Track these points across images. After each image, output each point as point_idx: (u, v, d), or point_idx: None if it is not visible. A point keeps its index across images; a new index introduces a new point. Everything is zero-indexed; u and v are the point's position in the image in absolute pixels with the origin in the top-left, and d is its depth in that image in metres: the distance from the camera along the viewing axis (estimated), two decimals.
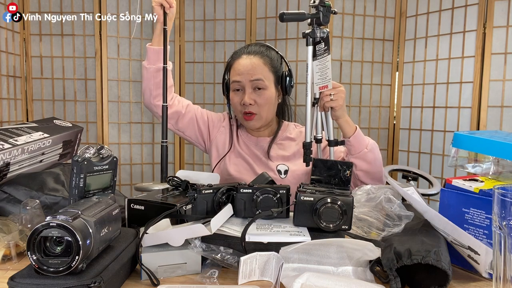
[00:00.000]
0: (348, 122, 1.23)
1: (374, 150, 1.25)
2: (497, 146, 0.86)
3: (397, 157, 2.52)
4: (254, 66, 1.33)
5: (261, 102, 1.33)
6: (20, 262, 0.84)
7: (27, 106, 2.39)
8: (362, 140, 1.24)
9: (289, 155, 1.39)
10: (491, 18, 2.08)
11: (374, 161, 1.24)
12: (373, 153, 1.24)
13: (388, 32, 2.47)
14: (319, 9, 1.12)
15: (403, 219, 0.86)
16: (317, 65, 1.14)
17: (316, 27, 1.14)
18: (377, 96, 2.51)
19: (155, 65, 1.33)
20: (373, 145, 1.26)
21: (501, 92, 2.09)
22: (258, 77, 1.32)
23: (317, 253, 0.79)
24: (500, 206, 0.58)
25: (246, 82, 1.33)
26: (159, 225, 0.86)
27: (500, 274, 0.59)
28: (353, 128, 1.24)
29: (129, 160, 2.51)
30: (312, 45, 1.14)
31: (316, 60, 1.14)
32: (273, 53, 1.40)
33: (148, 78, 1.36)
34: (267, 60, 1.36)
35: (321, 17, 1.12)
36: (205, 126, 1.47)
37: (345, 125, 1.23)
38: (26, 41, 2.36)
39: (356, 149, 1.23)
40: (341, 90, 1.18)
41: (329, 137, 1.21)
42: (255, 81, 1.32)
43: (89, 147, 0.83)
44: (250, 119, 1.35)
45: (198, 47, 2.56)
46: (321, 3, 1.12)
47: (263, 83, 1.33)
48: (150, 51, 1.34)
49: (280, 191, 0.90)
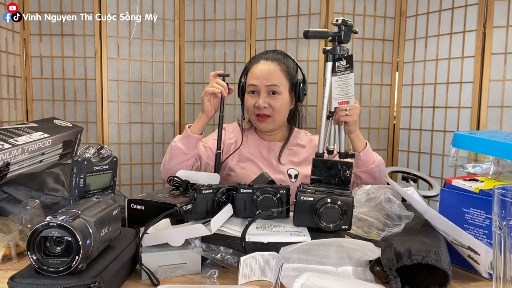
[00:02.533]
0: (359, 137, 1.29)
1: (380, 166, 1.30)
2: (497, 146, 0.86)
3: (397, 157, 2.52)
4: (271, 72, 1.39)
5: (275, 106, 1.39)
6: (20, 262, 0.84)
7: (27, 106, 2.39)
8: (371, 155, 1.29)
9: (299, 161, 1.44)
10: (491, 18, 2.08)
11: (379, 177, 1.30)
12: (379, 169, 1.30)
13: (388, 32, 2.47)
14: (341, 28, 1.17)
15: (403, 219, 0.86)
16: (337, 80, 1.18)
17: (337, 45, 1.19)
18: (377, 96, 2.51)
19: (193, 151, 1.35)
20: (380, 161, 1.31)
21: (501, 92, 2.09)
22: (274, 83, 1.38)
23: (317, 253, 0.79)
24: (500, 206, 0.58)
25: (262, 86, 1.39)
26: (159, 225, 0.86)
27: (500, 274, 0.59)
28: (363, 143, 1.29)
29: (129, 160, 2.51)
30: (332, 61, 1.19)
31: (336, 76, 1.18)
32: (289, 61, 1.46)
33: (182, 161, 1.34)
34: (283, 67, 1.42)
35: (343, 35, 1.17)
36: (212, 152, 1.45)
37: (356, 140, 1.28)
38: (26, 41, 2.36)
39: (364, 163, 1.28)
40: (356, 107, 1.22)
41: (340, 150, 1.25)
42: (271, 86, 1.38)
43: (89, 147, 0.83)
44: (264, 121, 1.41)
45: (198, 47, 2.56)
46: (343, 22, 1.17)
47: (278, 89, 1.39)
48: (192, 138, 1.34)
49: (280, 191, 0.90)
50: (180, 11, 2.51)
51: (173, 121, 2.57)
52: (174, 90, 2.56)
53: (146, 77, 2.51)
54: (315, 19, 2.42)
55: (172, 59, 2.53)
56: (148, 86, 2.52)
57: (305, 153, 1.45)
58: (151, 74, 2.51)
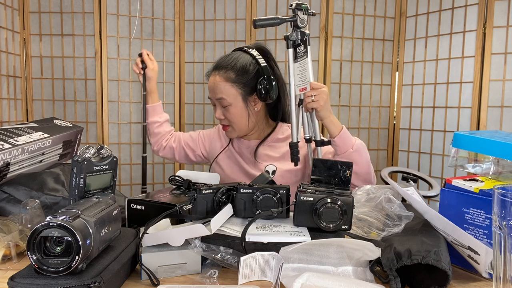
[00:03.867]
0: (333, 122, 1.23)
1: (360, 151, 1.24)
2: (497, 146, 0.86)
3: (397, 157, 2.52)
4: (216, 85, 1.37)
5: (229, 117, 1.39)
6: (20, 262, 0.84)
7: (27, 106, 2.39)
8: (348, 140, 1.24)
9: (278, 156, 1.42)
10: (491, 18, 2.08)
11: (361, 162, 1.23)
12: (359, 153, 1.23)
13: (388, 32, 2.47)
14: (295, 12, 1.14)
15: (403, 219, 0.86)
16: (298, 67, 1.17)
17: (295, 30, 1.16)
18: (377, 96, 2.51)
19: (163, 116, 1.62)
20: (359, 145, 1.25)
21: (501, 92, 2.09)
22: (219, 96, 1.37)
23: (317, 253, 0.79)
24: (500, 206, 0.58)
25: (213, 99, 1.41)
26: (159, 225, 0.86)
27: (500, 274, 0.59)
28: (338, 128, 1.24)
29: (129, 160, 2.51)
30: (293, 47, 1.17)
31: (297, 62, 1.17)
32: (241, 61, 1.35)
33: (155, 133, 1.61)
34: (230, 75, 1.34)
35: (298, 20, 1.14)
36: (195, 145, 1.58)
37: (330, 125, 1.23)
38: (26, 41, 2.36)
39: (341, 149, 1.23)
40: (323, 91, 1.19)
41: (315, 137, 1.23)
42: (218, 99, 1.38)
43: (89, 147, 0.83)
44: (226, 130, 1.43)
45: (198, 47, 2.56)
46: (297, 6, 1.14)
47: (226, 101, 1.36)
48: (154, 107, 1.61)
49: (280, 191, 0.90)
50: (180, 11, 2.51)
51: (173, 121, 2.57)
52: (174, 90, 2.56)
53: None
54: (315, 19, 2.42)
55: (172, 59, 2.53)
56: None
57: (284, 147, 1.41)
58: None
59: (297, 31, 1.16)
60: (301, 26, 1.15)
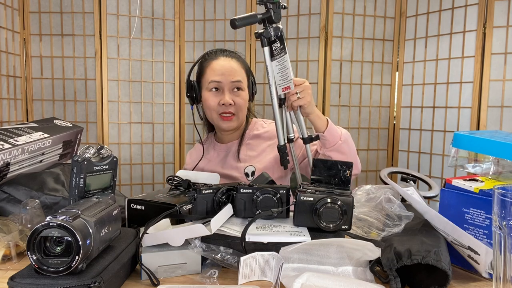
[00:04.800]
0: (319, 116, 1.19)
1: (348, 141, 1.21)
2: (497, 146, 0.86)
3: (397, 157, 2.52)
4: (234, 68, 1.34)
5: (239, 102, 1.34)
6: (20, 262, 0.84)
7: (27, 106, 2.39)
8: (336, 132, 1.20)
9: (256, 154, 1.38)
10: (491, 18, 2.08)
11: (349, 151, 1.21)
12: (347, 144, 1.21)
13: (388, 32, 2.47)
14: (268, 7, 1.08)
15: (403, 219, 0.86)
16: (276, 65, 1.10)
17: (269, 26, 1.09)
18: (377, 96, 2.51)
19: None
20: (346, 135, 1.22)
21: (501, 92, 2.09)
22: (238, 79, 1.33)
23: (317, 253, 0.79)
24: (500, 206, 0.58)
25: (226, 82, 1.32)
26: (159, 225, 0.85)
27: (500, 274, 0.59)
28: (324, 121, 1.19)
29: (129, 160, 2.51)
30: (268, 45, 1.09)
31: (275, 60, 1.09)
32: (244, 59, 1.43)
33: None
34: (242, 64, 1.38)
35: (272, 14, 1.07)
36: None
37: (316, 120, 1.18)
38: (26, 41, 2.36)
39: (331, 142, 1.19)
40: (307, 86, 1.14)
41: (303, 135, 1.19)
42: (236, 82, 1.33)
43: (89, 147, 0.83)
44: (229, 119, 1.35)
45: (198, 47, 2.56)
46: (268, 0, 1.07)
47: (242, 85, 1.35)
48: None
49: (280, 191, 0.90)
50: (180, 11, 2.51)
51: (173, 121, 2.57)
52: (174, 90, 2.56)
53: (146, 77, 2.51)
54: (315, 19, 2.42)
55: (172, 59, 2.53)
56: (148, 86, 2.52)
57: (262, 144, 1.39)
58: (151, 74, 2.51)
59: (271, 27, 1.09)
60: (276, 21, 1.09)
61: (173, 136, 2.56)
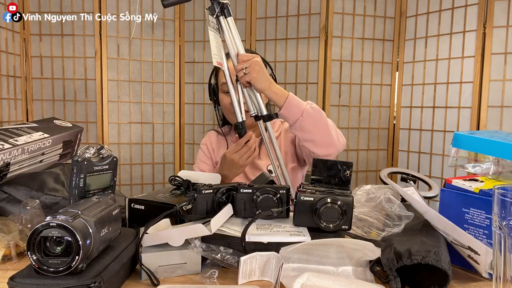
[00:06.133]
0: (275, 92, 1.12)
1: (314, 116, 1.12)
2: (497, 146, 0.86)
3: (397, 157, 2.52)
4: None
5: None
6: (20, 262, 0.84)
7: (27, 106, 2.39)
8: (297, 108, 1.12)
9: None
10: (491, 18, 2.08)
11: (316, 128, 1.13)
12: (312, 119, 1.12)
13: (388, 32, 2.47)
14: None
15: (403, 219, 0.86)
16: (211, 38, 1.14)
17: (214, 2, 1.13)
18: (377, 96, 2.51)
19: None
20: (309, 110, 1.12)
21: (501, 92, 2.09)
22: None
23: (317, 253, 0.79)
24: (500, 206, 0.58)
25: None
26: (159, 225, 0.85)
27: (500, 274, 0.59)
28: (283, 97, 1.12)
29: (129, 160, 2.51)
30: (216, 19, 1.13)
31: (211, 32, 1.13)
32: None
33: None
34: None
35: None
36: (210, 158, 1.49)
37: (273, 96, 1.12)
38: (26, 41, 2.36)
39: (291, 119, 1.12)
40: (254, 61, 1.10)
41: (261, 112, 1.15)
42: None
43: (89, 147, 0.83)
44: None
45: (198, 47, 2.56)
46: None
47: None
48: None
49: (280, 191, 0.90)
50: (180, 11, 2.51)
51: (173, 121, 2.57)
52: (174, 90, 2.56)
53: (146, 77, 2.51)
54: (315, 19, 2.42)
55: (172, 59, 2.54)
56: (148, 86, 2.52)
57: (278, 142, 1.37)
58: (151, 74, 2.51)
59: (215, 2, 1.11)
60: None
61: (173, 136, 2.56)
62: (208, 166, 1.48)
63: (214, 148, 1.50)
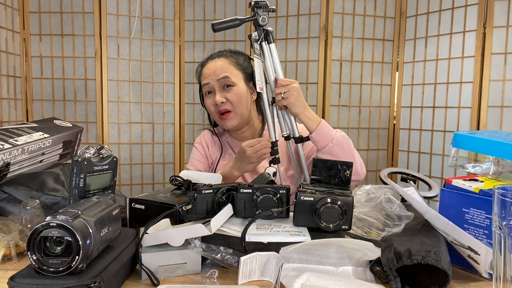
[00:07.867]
0: (309, 117, 1.20)
1: (341, 143, 1.20)
2: (497, 146, 0.86)
3: (397, 157, 2.52)
4: (219, 66, 1.35)
5: (232, 98, 1.33)
6: (20, 262, 0.84)
7: (27, 106, 2.39)
8: (327, 134, 1.19)
9: None
10: (491, 18, 2.08)
11: (343, 155, 1.19)
12: (340, 146, 1.19)
13: (388, 32, 2.47)
14: (255, 11, 1.14)
15: (403, 219, 0.86)
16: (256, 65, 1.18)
17: (258, 29, 1.16)
18: (377, 96, 2.51)
19: None
20: (340, 137, 1.20)
21: (501, 92, 2.09)
22: (224, 75, 1.33)
23: (317, 253, 0.79)
24: (500, 206, 0.58)
25: (214, 82, 1.34)
26: (159, 225, 0.85)
27: (500, 274, 0.59)
28: (315, 122, 1.20)
29: (129, 160, 2.51)
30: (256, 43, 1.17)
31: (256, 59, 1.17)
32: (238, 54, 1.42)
33: None
34: (231, 59, 1.38)
35: (260, 18, 1.14)
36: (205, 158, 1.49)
37: (306, 121, 1.19)
38: (26, 41, 2.36)
39: (320, 144, 1.19)
40: (293, 87, 1.16)
41: (294, 134, 1.22)
42: (222, 79, 1.33)
43: (89, 147, 0.83)
44: (226, 118, 1.35)
45: (198, 47, 2.56)
46: (256, 4, 1.13)
47: (230, 80, 1.34)
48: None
49: (280, 191, 0.90)
50: (180, 11, 2.51)
51: (173, 121, 2.57)
52: (174, 90, 2.56)
53: (146, 77, 2.51)
54: (315, 19, 2.42)
55: (172, 59, 2.54)
56: (148, 86, 2.52)
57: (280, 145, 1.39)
58: (151, 74, 2.51)
59: (260, 29, 1.15)
60: (262, 24, 1.14)
61: (173, 136, 2.56)
62: (204, 165, 1.48)
63: (209, 147, 1.50)
